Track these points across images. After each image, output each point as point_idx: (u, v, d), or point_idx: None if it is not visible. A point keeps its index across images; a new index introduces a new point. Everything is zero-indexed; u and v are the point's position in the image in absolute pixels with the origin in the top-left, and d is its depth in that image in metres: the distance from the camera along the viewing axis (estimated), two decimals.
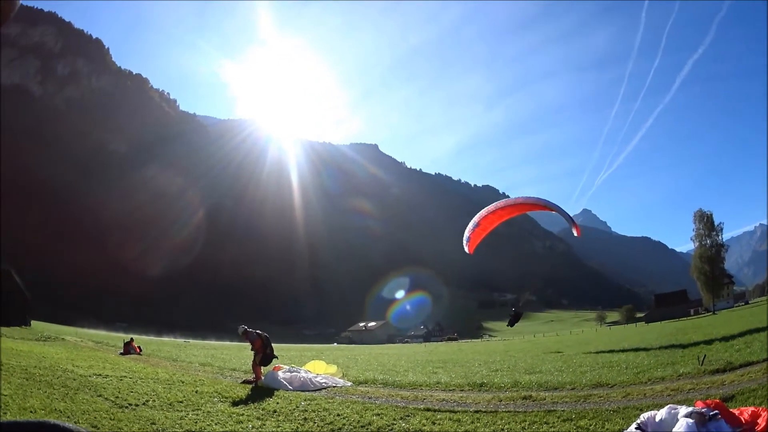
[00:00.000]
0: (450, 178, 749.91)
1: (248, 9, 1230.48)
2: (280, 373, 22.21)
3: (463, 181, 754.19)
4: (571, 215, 36.13)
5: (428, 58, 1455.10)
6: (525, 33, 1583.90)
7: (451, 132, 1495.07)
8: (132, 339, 46.17)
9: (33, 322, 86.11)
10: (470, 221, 41.45)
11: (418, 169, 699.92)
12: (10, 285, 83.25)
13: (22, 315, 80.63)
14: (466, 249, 42.40)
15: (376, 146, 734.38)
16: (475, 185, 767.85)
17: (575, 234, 39.74)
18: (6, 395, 14.86)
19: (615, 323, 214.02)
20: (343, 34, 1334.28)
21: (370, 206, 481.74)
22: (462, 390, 20.56)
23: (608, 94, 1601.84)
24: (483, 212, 40.64)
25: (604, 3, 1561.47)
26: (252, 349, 23.66)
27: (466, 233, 41.53)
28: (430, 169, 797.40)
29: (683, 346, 31.33)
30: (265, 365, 23.47)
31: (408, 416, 14.64)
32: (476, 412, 15.20)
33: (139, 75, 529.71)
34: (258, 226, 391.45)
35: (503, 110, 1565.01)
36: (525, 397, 17.12)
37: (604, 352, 36.90)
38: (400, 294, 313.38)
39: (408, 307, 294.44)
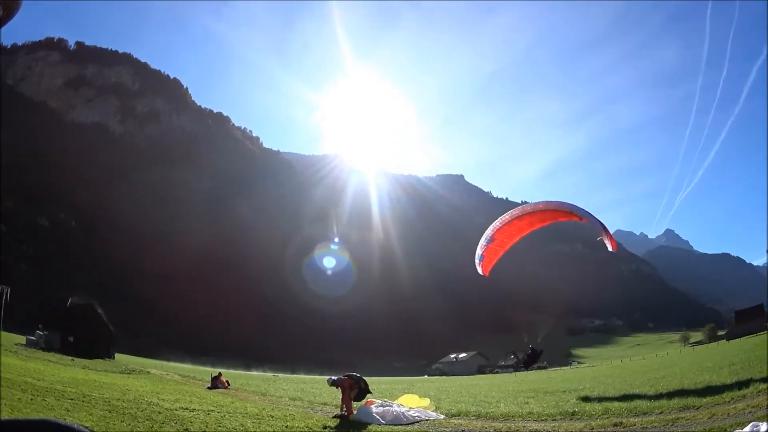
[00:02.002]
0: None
1: (328, 42, 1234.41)
2: (373, 408, 21.97)
3: None
4: (610, 229, 31.13)
5: (505, 85, 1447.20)
6: (595, 54, 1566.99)
7: (533, 158, 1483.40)
8: (220, 373, 46.65)
9: (117, 355, 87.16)
10: (487, 238, 35.28)
11: (504, 198, 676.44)
12: (94, 318, 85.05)
13: (106, 348, 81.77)
14: (480, 270, 36.41)
15: (461, 176, 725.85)
16: None
17: (609, 249, 32.99)
18: (88, 426, 14.73)
19: (698, 343, 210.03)
20: (419, 65, 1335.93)
21: (453, 237, 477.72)
22: (554, 419, 20.21)
23: (682, 110, 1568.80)
24: (497, 223, 34.62)
25: (668, 13, 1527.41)
26: (348, 394, 22.92)
27: (479, 250, 35.43)
28: (516, 197, 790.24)
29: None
30: (359, 400, 23.18)
31: None
32: None
33: (220, 113, 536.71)
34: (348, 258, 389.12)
35: (582, 134, 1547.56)
36: (616, 425, 16.78)
37: (688, 373, 36.17)
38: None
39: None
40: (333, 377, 23.72)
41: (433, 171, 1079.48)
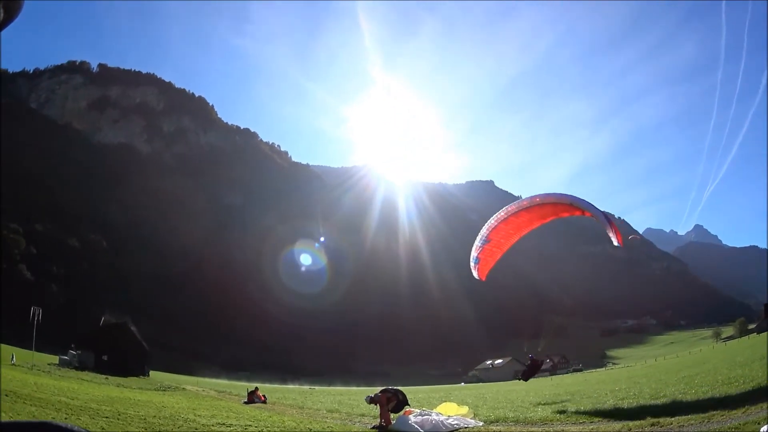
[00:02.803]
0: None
1: (352, 53, 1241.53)
2: (412, 417, 21.95)
3: None
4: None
5: (528, 88, 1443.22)
6: (614, 53, 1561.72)
7: (561, 160, 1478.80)
8: (257, 387, 46.31)
9: (151, 372, 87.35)
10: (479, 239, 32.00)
11: None
12: (128, 336, 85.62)
13: (141, 365, 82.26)
14: (475, 274, 32.92)
15: (491, 182, 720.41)
16: None
17: (615, 243, 28.56)
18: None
19: (730, 338, 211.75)
20: (442, 72, 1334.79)
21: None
22: (592, 422, 20.17)
23: (704, 105, 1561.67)
24: (492, 222, 31.35)
25: (684, 9, 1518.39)
26: (387, 407, 22.99)
27: (474, 252, 32.18)
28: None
29: None
30: (397, 411, 23.09)
31: None
32: None
33: (247, 129, 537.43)
34: (377, 266, 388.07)
35: (607, 133, 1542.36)
36: (653, 424, 16.87)
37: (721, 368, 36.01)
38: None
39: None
40: (371, 395, 23.91)
41: (462, 178, 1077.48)
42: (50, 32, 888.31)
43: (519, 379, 31.76)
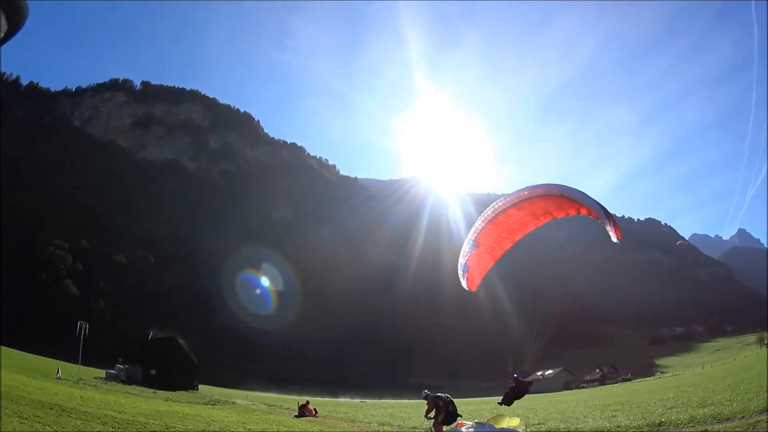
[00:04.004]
0: (614, 215, 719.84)
1: (395, 65, 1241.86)
2: (464, 430, 21.81)
3: (626, 216, 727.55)
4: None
5: (572, 96, 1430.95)
6: (654, 57, 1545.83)
7: (607, 168, 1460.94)
8: (307, 401, 46.29)
9: (200, 386, 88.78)
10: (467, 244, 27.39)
11: None
12: (177, 350, 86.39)
13: (189, 379, 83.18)
14: (464, 284, 27.87)
15: None
16: (638, 219, 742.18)
17: (614, 239, 22.07)
18: None
19: None
20: (485, 83, 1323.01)
21: (531, 253, 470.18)
22: (642, 431, 20.20)
23: (741, 106, 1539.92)
24: (479, 224, 26.77)
25: (715, 10, 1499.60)
26: (427, 415, 23.24)
27: (461, 259, 27.46)
28: None
29: None
30: (448, 424, 22.79)
31: None
32: None
33: (294, 144, 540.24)
34: (426, 279, 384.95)
35: (651, 139, 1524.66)
36: None
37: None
38: None
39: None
40: (428, 391, 23.75)
41: (509, 188, 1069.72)
42: (92, 51, 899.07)
43: (500, 404, 28.61)
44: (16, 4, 3.61)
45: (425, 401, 23.25)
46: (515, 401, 26.63)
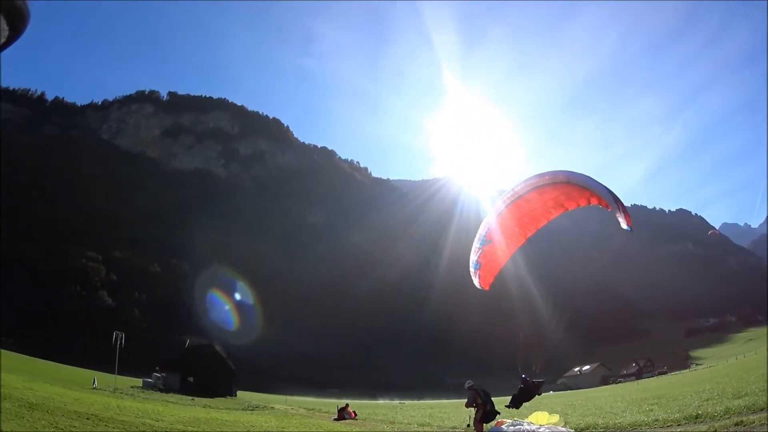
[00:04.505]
0: (645, 207, 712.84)
1: (421, 65, 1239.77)
2: (504, 428, 22.19)
3: (657, 208, 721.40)
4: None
5: (599, 88, 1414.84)
6: (676, 46, 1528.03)
7: (637, 159, 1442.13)
8: (347, 404, 47.09)
9: (239, 392, 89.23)
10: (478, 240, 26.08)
11: None
12: (215, 357, 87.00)
13: (228, 385, 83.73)
14: (477, 282, 26.35)
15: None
16: (669, 210, 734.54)
17: (624, 226, 21.38)
18: None
19: None
20: (512, 79, 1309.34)
21: (564, 249, 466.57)
22: (679, 424, 20.31)
23: (764, 91, 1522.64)
24: (489, 218, 25.84)
25: None
26: (467, 406, 23.56)
27: (473, 256, 26.15)
28: (626, 201, 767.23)
29: None
30: (487, 422, 23.06)
31: None
32: None
33: (324, 148, 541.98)
34: (459, 279, 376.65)
35: (679, 128, 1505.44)
36: (737, 423, 16.86)
37: None
38: None
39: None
40: (472, 382, 23.95)
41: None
42: (117, 64, 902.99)
43: (508, 407, 27.01)
44: (17, 8, 3.64)
45: (467, 393, 23.46)
46: (518, 402, 26.50)
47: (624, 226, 20.61)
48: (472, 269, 25.67)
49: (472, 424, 23.10)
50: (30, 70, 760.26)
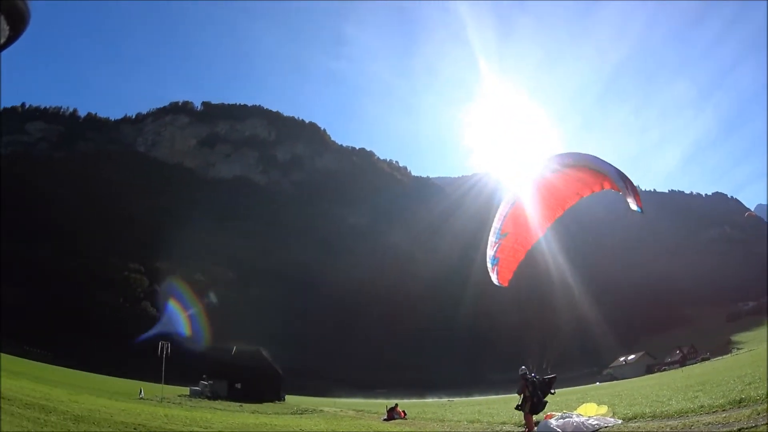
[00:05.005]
0: (683, 192, 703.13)
1: (452, 61, 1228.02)
2: (553, 421, 22.24)
3: (694, 193, 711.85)
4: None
5: (631, 74, 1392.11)
6: (702, 26, 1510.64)
7: (672, 144, 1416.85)
8: (396, 404, 47.12)
9: (287, 397, 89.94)
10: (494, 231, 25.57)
11: (652, 190, 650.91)
12: (262, 363, 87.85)
13: (276, 390, 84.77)
14: (495, 279, 26.30)
15: None
16: (705, 194, 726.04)
17: (634, 208, 21.05)
18: None
19: None
20: (545, 70, 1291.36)
21: (605, 238, 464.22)
22: (723, 410, 20.31)
23: None
24: (503, 209, 25.44)
25: None
26: (518, 392, 23.76)
27: (490, 251, 25.77)
28: (663, 187, 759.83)
29: None
30: (535, 413, 23.34)
31: None
32: (739, 430, 15.26)
33: (362, 149, 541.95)
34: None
35: (710, 110, 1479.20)
36: None
37: None
38: None
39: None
40: (525, 368, 24.63)
41: None
42: (148, 77, 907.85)
43: (517, 408, 25.70)
44: (17, 8, 3.66)
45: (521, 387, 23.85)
46: (535, 406, 25.94)
47: (634, 207, 20.59)
48: (489, 265, 25.54)
49: (524, 408, 23.17)
50: (60, 89, 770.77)
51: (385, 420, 40.05)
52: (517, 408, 25.11)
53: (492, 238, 25.47)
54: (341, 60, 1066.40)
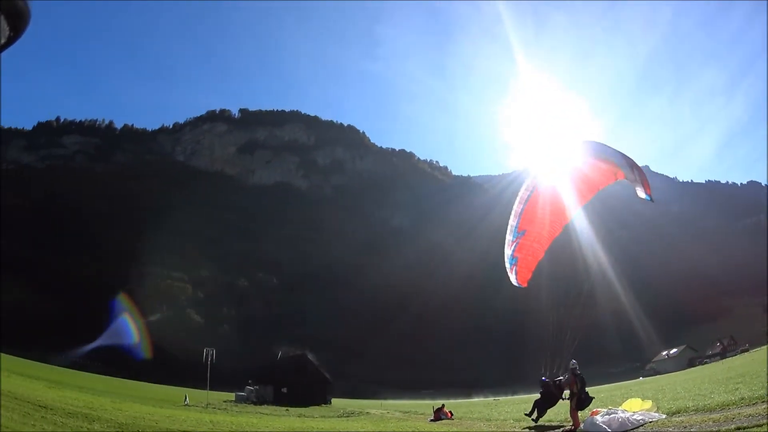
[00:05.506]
0: (719, 182, 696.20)
1: (488, 58, 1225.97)
2: (599, 417, 22.11)
3: (729, 182, 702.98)
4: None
5: (663, 63, 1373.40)
6: (730, 11, 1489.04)
7: (706, 133, 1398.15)
8: (443, 405, 46.42)
9: (333, 400, 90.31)
10: (512, 226, 26.07)
11: (689, 181, 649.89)
12: (308, 367, 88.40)
13: (322, 394, 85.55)
14: (514, 279, 28.05)
15: (647, 167, 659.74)
16: (741, 184, 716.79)
17: (641, 196, 21.43)
18: None
19: None
20: (579, 63, 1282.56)
21: (646, 231, 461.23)
22: (763, 401, 20.25)
23: None
24: (518, 207, 25.66)
25: None
26: (565, 386, 24.14)
27: (508, 250, 26.71)
28: (700, 177, 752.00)
29: None
30: (581, 409, 23.42)
31: None
32: None
33: (402, 150, 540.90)
34: (546, 270, 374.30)
35: (741, 97, 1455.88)
36: None
37: None
38: None
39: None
40: (575, 362, 24.83)
41: None
42: (184, 87, 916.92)
43: (526, 415, 25.30)
44: (17, 8, 3.58)
45: (570, 373, 24.33)
46: (543, 409, 27.50)
47: (642, 195, 20.56)
48: (507, 265, 26.40)
49: (571, 403, 23.08)
50: (94, 101, 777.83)
51: (432, 421, 39.85)
52: (527, 414, 25.48)
53: (509, 237, 25.93)
54: (376, 61, 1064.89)
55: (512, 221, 25.44)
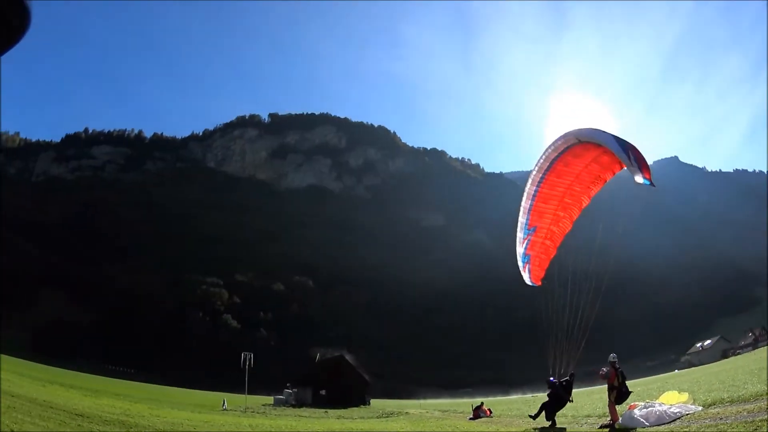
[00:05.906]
0: (746, 171, 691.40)
1: (509, 56, 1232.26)
2: (636, 411, 22.10)
3: (757, 171, 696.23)
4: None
5: (686, 52, 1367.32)
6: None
7: (732, 122, 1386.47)
8: (482, 403, 46.42)
9: (372, 401, 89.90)
10: (522, 222, 25.57)
11: (718, 170, 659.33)
12: (346, 368, 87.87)
13: (361, 395, 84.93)
14: (527, 278, 27.02)
15: (675, 158, 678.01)
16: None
17: (639, 181, 19.24)
18: None
19: None
20: (605, 54, 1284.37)
21: (677, 221, 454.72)
22: None
23: None
24: (525, 204, 25.41)
25: None
26: (604, 377, 23.69)
27: (519, 248, 25.90)
28: (728, 167, 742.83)
29: None
30: (620, 403, 23.29)
31: (755, 430, 14.28)
32: None
33: (434, 149, 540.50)
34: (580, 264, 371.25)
35: (764, 83, 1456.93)
36: None
37: None
38: None
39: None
40: (615, 356, 24.28)
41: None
42: (212, 94, 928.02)
43: (530, 417, 24.57)
44: (18, 8, 3.50)
45: (610, 366, 23.89)
46: (551, 412, 26.36)
47: (639, 180, 19.15)
48: (520, 263, 25.54)
49: (610, 397, 22.99)
50: (123, 111, 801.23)
51: (471, 419, 39.61)
52: (531, 417, 25.34)
53: (520, 234, 25.34)
54: (402, 61, 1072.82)
55: (521, 218, 25.16)
